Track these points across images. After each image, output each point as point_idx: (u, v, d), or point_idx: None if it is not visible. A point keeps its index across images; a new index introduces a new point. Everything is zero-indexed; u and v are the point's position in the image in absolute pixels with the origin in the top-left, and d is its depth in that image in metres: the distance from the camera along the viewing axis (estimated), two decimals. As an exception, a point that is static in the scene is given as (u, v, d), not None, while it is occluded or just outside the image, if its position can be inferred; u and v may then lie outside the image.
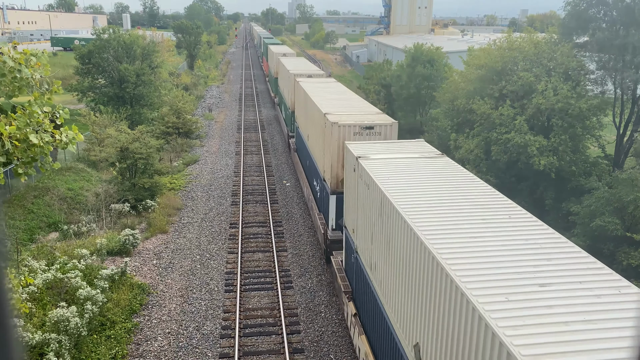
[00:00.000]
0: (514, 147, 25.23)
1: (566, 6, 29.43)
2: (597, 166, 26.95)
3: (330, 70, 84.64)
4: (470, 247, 8.55)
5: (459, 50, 56.38)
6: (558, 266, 7.86)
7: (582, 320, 6.51)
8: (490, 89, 28.26)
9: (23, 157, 7.43)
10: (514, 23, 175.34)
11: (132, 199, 25.46)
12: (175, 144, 37.07)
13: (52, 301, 16.18)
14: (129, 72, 37.49)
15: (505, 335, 6.28)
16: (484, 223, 9.57)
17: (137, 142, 26.02)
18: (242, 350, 15.56)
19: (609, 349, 5.98)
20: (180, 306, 17.95)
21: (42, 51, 8.20)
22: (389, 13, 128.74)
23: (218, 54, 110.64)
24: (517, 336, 6.24)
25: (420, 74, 40.24)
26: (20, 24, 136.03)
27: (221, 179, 31.40)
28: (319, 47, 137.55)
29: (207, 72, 77.05)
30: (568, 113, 25.21)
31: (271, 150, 38.35)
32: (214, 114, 50.53)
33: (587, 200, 22.18)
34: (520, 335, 6.26)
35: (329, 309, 17.91)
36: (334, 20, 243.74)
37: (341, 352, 15.71)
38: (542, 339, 6.19)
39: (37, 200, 23.89)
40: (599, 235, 20.56)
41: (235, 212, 26.12)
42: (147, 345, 15.79)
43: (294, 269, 20.64)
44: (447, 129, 31.62)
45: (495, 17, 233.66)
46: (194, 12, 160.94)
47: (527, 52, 28.75)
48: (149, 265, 20.68)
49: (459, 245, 8.63)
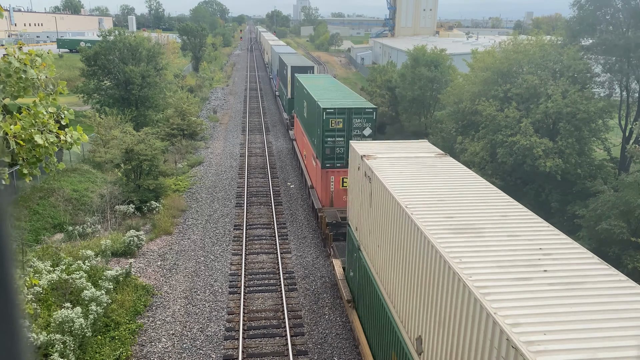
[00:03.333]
0: (519, 149, 25.13)
1: (573, 7, 29.33)
2: (603, 169, 26.79)
3: (334, 72, 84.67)
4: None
5: (463, 53, 56.26)
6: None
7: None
8: (494, 91, 28.18)
9: (28, 157, 7.45)
10: (519, 25, 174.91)
11: (137, 200, 25.51)
12: (179, 145, 37.14)
13: (57, 302, 16.21)
14: (135, 74, 37.60)
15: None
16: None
17: (142, 143, 26.08)
18: (246, 352, 15.53)
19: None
20: (184, 307, 17.95)
21: (47, 52, 8.22)
22: (394, 15, 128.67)
23: (223, 56, 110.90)
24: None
25: (423, 76, 40.17)
26: (26, 26, 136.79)
27: (225, 180, 31.43)
28: (324, 49, 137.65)
29: (212, 74, 77.22)
30: (576, 117, 25.11)
31: (275, 152, 38.35)
32: (219, 116, 50.63)
33: (592, 204, 22.05)
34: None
35: (333, 311, 17.87)
36: (338, 22, 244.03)
37: (345, 354, 15.66)
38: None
39: (43, 202, 23.97)
40: (605, 239, 20.44)
41: (239, 214, 26.12)
42: (151, 347, 15.79)
43: (298, 271, 20.61)
44: (452, 131, 31.53)
45: (500, 20, 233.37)
46: (199, 14, 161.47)
47: (532, 55, 28.64)
48: (154, 266, 20.71)
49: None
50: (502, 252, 8.29)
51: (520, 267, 7.78)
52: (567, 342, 6.03)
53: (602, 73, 28.94)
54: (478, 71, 31.00)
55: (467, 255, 8.16)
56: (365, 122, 21.53)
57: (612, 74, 28.47)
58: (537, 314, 6.54)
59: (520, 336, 6.13)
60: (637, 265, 18.73)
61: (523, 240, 8.76)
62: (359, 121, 21.47)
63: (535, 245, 8.48)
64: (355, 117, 21.42)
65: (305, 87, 27.21)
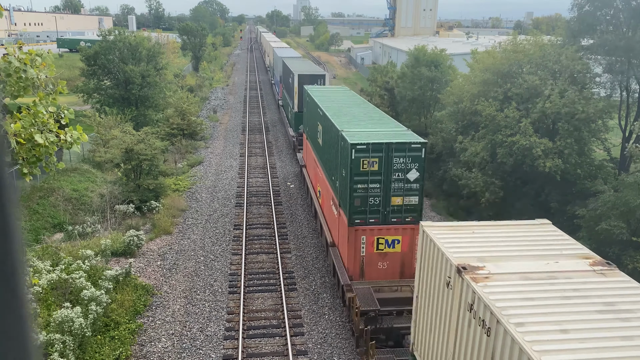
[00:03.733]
0: (519, 149, 25.14)
1: (573, 8, 29.34)
2: (603, 169, 26.80)
3: (334, 72, 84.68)
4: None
5: (463, 53, 56.25)
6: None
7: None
8: (494, 92, 28.18)
9: (28, 156, 7.44)
10: (519, 25, 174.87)
11: (137, 200, 25.51)
12: (179, 145, 37.13)
13: (57, 302, 16.20)
14: (135, 74, 37.60)
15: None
16: None
17: (142, 143, 26.07)
18: (246, 352, 15.53)
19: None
20: (184, 307, 17.95)
21: (47, 51, 8.21)
22: (394, 15, 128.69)
23: (223, 56, 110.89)
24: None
25: (423, 76, 40.15)
26: (26, 26, 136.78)
27: (225, 180, 31.43)
28: (324, 49, 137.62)
29: (212, 73, 77.21)
30: (574, 117, 25.11)
31: (275, 152, 38.34)
32: (219, 116, 50.62)
33: (592, 204, 22.07)
34: None
35: (332, 311, 17.87)
36: (338, 22, 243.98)
37: (345, 354, 15.66)
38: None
39: (42, 201, 23.97)
40: (605, 239, 20.45)
41: (239, 214, 26.12)
42: (151, 346, 15.79)
43: (298, 271, 20.61)
44: (452, 131, 31.53)
45: (500, 20, 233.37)
46: (199, 14, 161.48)
47: (532, 55, 28.65)
48: (153, 266, 20.70)
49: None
50: None
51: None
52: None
53: (603, 73, 28.94)
54: (478, 72, 31.00)
55: None
56: (411, 162, 15.96)
57: (612, 74, 28.48)
58: None
59: None
60: (637, 266, 18.75)
61: None
62: (402, 160, 15.95)
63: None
64: (397, 155, 15.89)
65: (320, 105, 21.62)
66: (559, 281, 8.11)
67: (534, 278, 8.20)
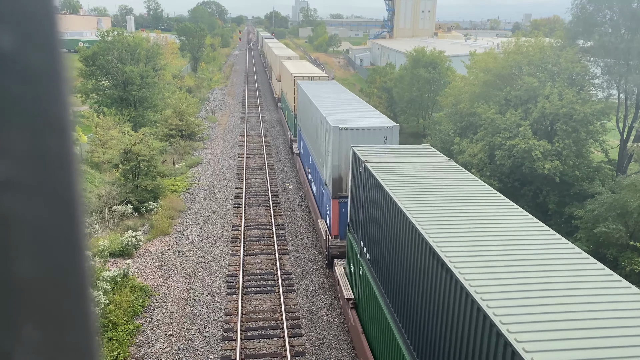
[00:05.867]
0: (518, 152, 25.19)
1: (572, 9, 29.40)
2: (601, 171, 26.86)
3: (333, 73, 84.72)
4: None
5: (462, 54, 56.31)
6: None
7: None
8: (495, 96, 28.23)
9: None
10: (517, 27, 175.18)
11: (135, 200, 25.47)
12: (178, 146, 37.10)
13: (54, 302, 16.17)
14: (133, 74, 37.58)
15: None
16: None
17: (141, 144, 26.05)
18: (244, 354, 15.52)
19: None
20: (182, 308, 17.93)
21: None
22: (392, 17, 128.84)
23: (222, 57, 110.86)
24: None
25: (422, 77, 40.21)
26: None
27: (224, 181, 31.41)
28: (322, 50, 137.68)
29: (211, 74, 77.19)
30: (572, 118, 25.18)
31: (274, 152, 38.34)
32: (217, 117, 50.59)
33: (590, 205, 22.11)
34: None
35: (330, 312, 17.87)
36: (337, 23, 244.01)
37: (343, 355, 15.66)
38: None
39: (40, 202, 23.90)
40: (602, 241, 20.50)
41: (237, 215, 26.10)
42: (149, 348, 15.77)
43: (296, 272, 20.60)
44: (450, 132, 31.57)
45: (498, 22, 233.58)
46: (198, 14, 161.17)
47: (532, 57, 28.71)
48: (151, 267, 20.68)
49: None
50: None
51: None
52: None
53: (601, 75, 29.02)
54: (477, 72, 31.05)
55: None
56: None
57: (611, 76, 28.56)
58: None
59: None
60: (635, 268, 18.79)
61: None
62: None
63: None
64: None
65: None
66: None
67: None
